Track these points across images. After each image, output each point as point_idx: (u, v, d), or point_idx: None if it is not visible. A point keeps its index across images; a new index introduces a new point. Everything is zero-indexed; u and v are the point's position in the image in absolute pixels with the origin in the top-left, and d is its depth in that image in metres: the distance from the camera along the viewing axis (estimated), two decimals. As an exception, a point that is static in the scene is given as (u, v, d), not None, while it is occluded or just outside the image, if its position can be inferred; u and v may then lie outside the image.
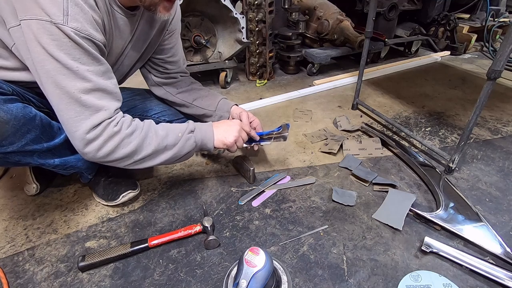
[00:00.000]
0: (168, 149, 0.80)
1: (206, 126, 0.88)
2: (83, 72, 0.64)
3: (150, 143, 0.77)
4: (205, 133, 0.87)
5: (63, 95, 0.65)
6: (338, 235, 0.86)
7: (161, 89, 1.10)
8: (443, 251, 0.78)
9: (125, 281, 0.75)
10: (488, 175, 1.08)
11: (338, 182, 1.06)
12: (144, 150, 0.76)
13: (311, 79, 1.96)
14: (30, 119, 0.70)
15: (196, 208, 0.96)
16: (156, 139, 0.77)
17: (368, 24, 1.32)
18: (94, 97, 0.67)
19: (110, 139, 0.70)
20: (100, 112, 0.68)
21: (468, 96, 1.69)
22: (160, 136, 0.78)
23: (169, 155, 0.81)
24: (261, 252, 0.64)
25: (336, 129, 1.38)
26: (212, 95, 1.10)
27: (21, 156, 0.73)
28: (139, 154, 0.76)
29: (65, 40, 0.61)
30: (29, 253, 0.83)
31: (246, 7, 1.69)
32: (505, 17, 2.47)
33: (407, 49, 2.34)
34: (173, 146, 0.80)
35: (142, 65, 1.05)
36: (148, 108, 1.13)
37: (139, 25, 0.85)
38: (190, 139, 0.83)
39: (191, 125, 0.86)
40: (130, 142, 0.73)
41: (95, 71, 0.67)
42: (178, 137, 0.81)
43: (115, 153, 0.72)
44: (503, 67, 0.82)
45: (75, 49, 0.63)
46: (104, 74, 0.70)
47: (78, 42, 0.62)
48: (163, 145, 0.78)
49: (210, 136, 0.87)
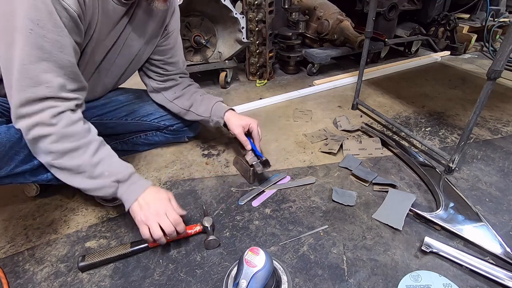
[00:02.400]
0: (87, 177, 0.71)
1: (138, 187, 0.75)
2: (36, 37, 0.58)
3: (73, 158, 0.68)
4: (130, 193, 0.75)
5: (10, 59, 0.59)
6: (338, 235, 0.86)
7: (159, 95, 1.10)
8: (443, 251, 0.78)
9: (125, 281, 0.75)
10: (488, 175, 1.08)
11: (338, 182, 1.06)
12: (63, 160, 0.68)
13: (311, 79, 1.96)
14: (16, 141, 0.67)
15: (196, 208, 0.96)
16: (84, 159, 0.69)
17: (368, 24, 1.32)
18: (38, 68, 0.60)
19: (40, 125, 0.63)
20: (39, 86, 0.61)
21: (468, 96, 1.69)
22: (90, 163, 0.70)
23: (84, 184, 0.71)
24: (261, 252, 0.64)
25: (336, 129, 1.38)
26: (207, 99, 1.08)
27: (11, 178, 0.71)
28: (56, 160, 0.68)
29: None
30: (29, 253, 0.83)
31: (246, 7, 1.69)
32: (505, 17, 2.46)
33: (407, 49, 2.34)
34: (93, 179, 0.71)
35: (141, 68, 1.05)
36: (148, 112, 1.13)
37: (134, 15, 0.82)
38: (110, 189, 0.73)
39: (124, 175, 0.74)
40: (56, 141, 0.66)
41: (51, 40, 0.60)
42: (104, 176, 0.71)
43: (39, 142, 0.65)
44: (503, 67, 0.82)
45: (38, 10, 0.57)
46: (62, 47, 0.63)
47: (45, 2, 0.57)
48: (85, 170, 0.70)
49: (132, 197, 0.74)
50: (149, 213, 0.72)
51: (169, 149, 1.25)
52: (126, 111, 1.10)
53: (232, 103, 1.64)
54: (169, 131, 1.19)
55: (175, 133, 1.21)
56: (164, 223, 0.72)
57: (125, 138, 1.17)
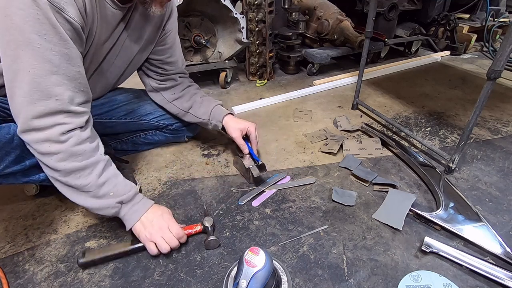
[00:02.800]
0: (91, 197, 0.72)
1: (140, 207, 0.78)
2: (44, 50, 0.59)
3: (80, 177, 0.69)
4: (132, 214, 0.77)
5: (18, 71, 0.59)
6: (338, 235, 0.86)
7: (158, 95, 1.10)
8: (443, 251, 0.78)
9: (125, 281, 0.75)
10: (488, 175, 1.08)
11: (338, 182, 1.06)
12: (69, 178, 0.68)
13: (311, 79, 1.96)
14: (7, 141, 0.66)
15: (196, 208, 0.96)
16: (90, 179, 0.70)
17: (368, 24, 1.32)
18: (49, 81, 0.61)
19: (48, 141, 0.64)
20: (50, 99, 0.61)
21: (468, 96, 1.69)
22: (96, 183, 0.71)
23: (88, 203, 0.72)
24: (261, 252, 0.64)
25: (336, 129, 1.38)
26: (207, 101, 1.08)
27: (2, 179, 0.71)
28: (62, 177, 0.68)
29: (33, 11, 0.56)
30: (29, 253, 0.82)
31: (246, 7, 1.69)
32: (505, 17, 2.46)
33: (407, 49, 2.34)
34: (97, 199, 0.72)
35: (140, 68, 1.05)
36: (147, 112, 1.13)
37: (131, 19, 0.82)
38: (113, 209, 0.75)
39: (128, 196, 0.75)
40: (63, 159, 0.66)
41: (59, 53, 0.61)
42: (109, 196, 0.73)
43: (45, 157, 0.65)
44: (503, 67, 0.82)
45: (43, 24, 0.57)
46: (69, 59, 0.64)
47: (48, 16, 0.57)
48: (90, 190, 0.71)
49: (134, 218, 0.77)
50: (153, 230, 0.76)
51: (169, 149, 1.25)
52: (126, 110, 1.10)
53: (232, 103, 1.64)
54: (168, 130, 1.19)
55: (174, 132, 1.21)
56: (168, 237, 0.76)
57: (124, 138, 1.17)
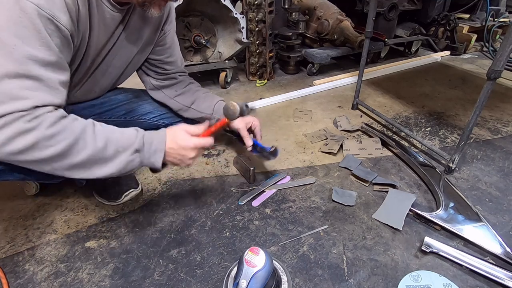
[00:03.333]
0: (103, 164, 0.66)
1: (157, 144, 0.73)
2: (19, 53, 0.55)
3: (79, 152, 0.63)
4: (154, 154, 0.73)
5: None
6: (338, 235, 0.86)
7: (159, 92, 1.10)
8: (443, 251, 0.78)
9: (125, 281, 0.75)
10: (488, 175, 1.08)
11: (338, 182, 1.06)
12: (70, 158, 0.62)
13: (311, 79, 1.96)
14: None
15: (196, 208, 0.96)
16: (90, 148, 0.64)
17: (368, 24, 1.32)
18: (17, 84, 0.56)
19: (18, 136, 0.56)
20: (17, 101, 0.56)
21: (468, 96, 1.69)
22: (98, 148, 0.65)
23: (106, 171, 0.67)
24: (261, 252, 0.64)
25: (336, 129, 1.38)
26: (209, 97, 1.09)
27: None
28: (63, 161, 0.62)
29: (15, 13, 0.54)
30: (29, 253, 0.83)
31: (246, 7, 1.69)
32: (505, 17, 2.47)
33: (407, 49, 2.34)
34: (111, 162, 0.67)
35: (140, 67, 1.05)
36: (146, 111, 1.13)
37: (130, 21, 0.82)
38: (134, 161, 0.69)
39: (138, 141, 0.70)
40: (50, 145, 0.59)
41: (37, 57, 0.57)
42: (119, 152, 0.68)
43: (28, 154, 0.58)
44: (503, 67, 0.82)
45: (24, 27, 0.55)
46: (50, 65, 0.60)
47: (33, 21, 0.55)
48: (97, 158, 0.65)
49: (159, 158, 0.73)
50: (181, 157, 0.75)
51: (169, 149, 1.25)
52: (125, 110, 1.10)
53: (232, 103, 1.64)
54: None
55: None
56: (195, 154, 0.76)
57: None
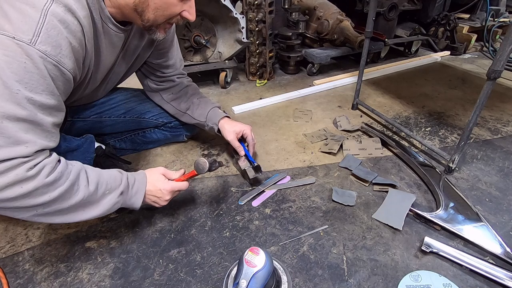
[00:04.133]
0: (92, 206, 0.68)
1: (138, 185, 0.77)
2: (22, 97, 0.55)
3: (71, 197, 0.63)
4: (135, 195, 0.77)
5: None
6: (338, 235, 0.86)
7: (157, 95, 1.11)
8: (443, 251, 0.78)
9: (125, 281, 0.75)
10: (488, 175, 1.08)
11: (338, 182, 1.06)
12: (61, 203, 0.62)
13: (311, 79, 1.96)
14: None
15: (196, 208, 0.96)
16: (82, 192, 0.65)
17: (368, 24, 1.32)
18: (19, 128, 0.55)
19: (17, 184, 0.56)
20: (18, 146, 0.56)
21: (468, 96, 1.69)
22: (89, 192, 0.66)
23: (93, 214, 0.69)
24: (261, 252, 0.64)
25: (336, 129, 1.38)
26: (204, 103, 1.10)
27: None
28: (52, 206, 0.62)
29: (20, 60, 0.53)
30: (29, 253, 0.83)
31: (246, 7, 1.69)
32: (505, 17, 2.46)
33: (407, 49, 2.34)
34: (99, 205, 0.69)
35: (139, 69, 1.06)
36: (145, 110, 1.14)
37: (130, 38, 0.85)
38: (118, 203, 0.73)
39: (124, 183, 0.74)
40: (45, 192, 0.59)
41: (38, 102, 0.57)
42: (105, 195, 0.70)
43: (17, 202, 0.57)
44: (503, 67, 0.82)
45: (29, 73, 0.54)
46: (48, 109, 0.60)
47: (39, 67, 0.55)
48: (87, 201, 0.66)
49: (139, 199, 0.77)
50: (157, 199, 0.81)
51: (169, 149, 1.25)
52: (125, 109, 1.11)
53: (232, 103, 1.64)
54: (167, 128, 1.20)
55: (173, 130, 1.21)
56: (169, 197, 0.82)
57: (123, 136, 1.17)
